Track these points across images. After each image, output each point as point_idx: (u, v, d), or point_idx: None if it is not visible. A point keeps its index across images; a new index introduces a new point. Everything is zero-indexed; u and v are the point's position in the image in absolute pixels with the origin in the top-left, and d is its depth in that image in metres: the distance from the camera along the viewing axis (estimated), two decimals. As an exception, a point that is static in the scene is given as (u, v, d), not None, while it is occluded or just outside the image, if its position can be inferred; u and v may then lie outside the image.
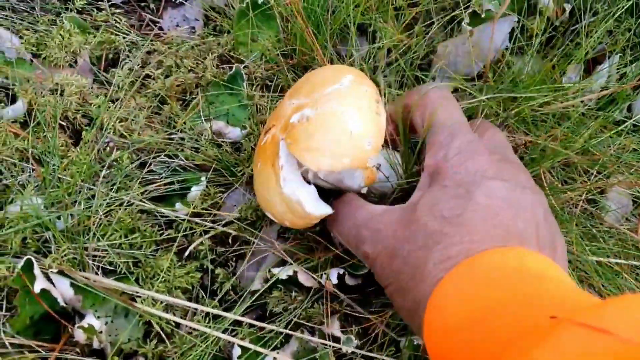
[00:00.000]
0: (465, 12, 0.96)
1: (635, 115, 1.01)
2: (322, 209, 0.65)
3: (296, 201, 0.65)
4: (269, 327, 0.73)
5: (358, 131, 0.63)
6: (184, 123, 0.88)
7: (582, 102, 1.00)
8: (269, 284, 0.77)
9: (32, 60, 0.93)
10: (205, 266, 0.83)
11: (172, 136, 0.86)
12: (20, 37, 0.95)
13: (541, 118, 0.98)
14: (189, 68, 0.94)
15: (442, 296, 0.47)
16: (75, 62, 0.95)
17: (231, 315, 0.73)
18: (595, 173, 0.97)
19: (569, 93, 0.94)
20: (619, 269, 0.96)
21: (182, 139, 0.86)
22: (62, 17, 0.97)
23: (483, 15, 0.96)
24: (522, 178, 0.57)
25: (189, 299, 0.82)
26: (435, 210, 0.53)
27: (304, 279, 0.76)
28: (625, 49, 1.02)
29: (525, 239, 0.50)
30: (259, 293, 0.78)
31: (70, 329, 0.74)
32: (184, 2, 1.05)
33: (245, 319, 0.73)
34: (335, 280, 0.76)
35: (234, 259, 0.85)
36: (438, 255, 0.50)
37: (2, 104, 0.85)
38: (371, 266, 0.61)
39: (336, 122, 0.63)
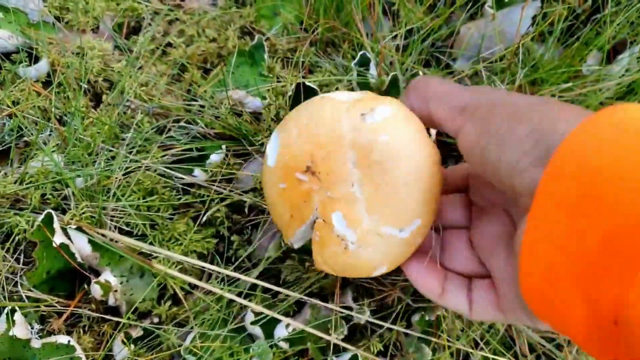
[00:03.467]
0: (488, -5, 0.96)
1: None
2: None
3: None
4: (284, 291, 0.73)
5: None
6: (205, 91, 0.88)
7: (600, 90, 1.00)
8: (282, 249, 0.77)
9: (54, 24, 0.93)
10: (221, 233, 0.83)
11: (192, 103, 0.87)
12: (44, 0, 0.95)
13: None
14: (211, 38, 0.94)
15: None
16: (98, 27, 0.96)
17: (246, 278, 0.73)
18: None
19: (589, 80, 0.94)
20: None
21: (202, 106, 0.86)
22: (86, -17, 0.98)
23: (506, 0, 0.96)
24: None
25: (204, 268, 0.82)
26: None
27: (321, 246, 0.76)
28: (645, 40, 1.02)
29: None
30: (272, 259, 0.78)
31: (85, 286, 0.74)
32: (207, -26, 1.05)
33: (260, 282, 0.73)
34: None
35: (249, 227, 0.85)
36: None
37: (26, 63, 0.85)
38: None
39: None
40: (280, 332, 0.78)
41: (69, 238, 0.72)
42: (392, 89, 0.85)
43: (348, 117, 0.55)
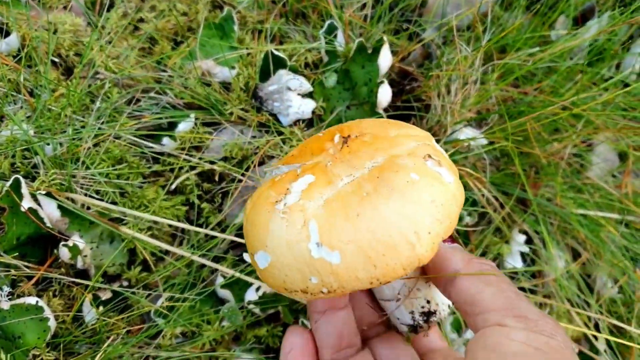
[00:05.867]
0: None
1: (623, 72, 1.02)
2: None
3: None
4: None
5: None
6: (174, 63, 0.89)
7: (570, 58, 1.01)
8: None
9: (27, 2, 0.94)
10: (191, 201, 0.84)
11: (162, 74, 0.88)
12: (16, -21, 0.96)
13: (530, 72, 0.99)
14: (182, 12, 0.95)
15: None
16: (70, 5, 0.97)
17: (221, 235, 0.74)
18: (581, 127, 0.97)
19: (557, 45, 0.95)
20: (603, 222, 0.97)
21: (171, 76, 0.87)
22: (58, -39, 0.99)
23: (474, -32, 0.97)
24: None
25: (175, 232, 0.83)
26: None
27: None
28: (614, 7, 1.03)
29: None
30: (241, 223, 0.79)
31: (56, 252, 0.75)
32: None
33: (234, 238, 0.74)
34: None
35: (220, 195, 0.86)
36: None
37: (-4, 38, 0.86)
38: None
39: None
40: (251, 295, 0.79)
41: (39, 204, 0.73)
42: (358, 55, 0.86)
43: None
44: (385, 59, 0.86)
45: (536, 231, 0.97)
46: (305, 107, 0.88)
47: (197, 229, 0.77)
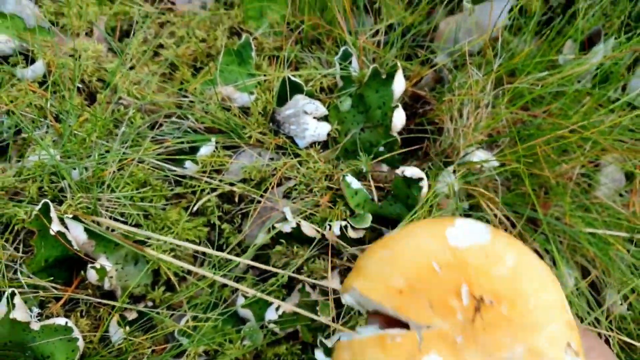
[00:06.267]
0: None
1: (629, 94, 1.04)
2: None
3: None
4: (274, 270, 0.76)
5: None
6: (195, 88, 0.92)
7: (578, 81, 1.04)
8: (271, 234, 0.80)
9: (50, 28, 0.97)
10: (212, 222, 0.86)
11: (183, 100, 0.90)
12: (40, 6, 0.99)
13: (539, 95, 1.02)
14: (200, 38, 0.98)
15: None
16: (92, 31, 1.00)
17: (237, 258, 0.76)
18: (589, 148, 1.00)
19: (566, 70, 0.98)
20: (612, 240, 0.99)
21: (192, 102, 0.90)
22: (80, -11, 1.02)
23: (483, -6, 1.00)
24: None
25: (196, 253, 0.86)
26: None
27: (307, 229, 0.79)
28: (620, 31, 1.06)
29: None
30: (261, 244, 0.81)
31: (82, 273, 0.77)
32: (196, -21, 1.09)
33: (252, 262, 0.77)
34: (337, 232, 0.79)
35: (239, 216, 0.88)
36: None
37: (22, 65, 0.89)
38: None
39: None
40: (271, 315, 0.81)
41: (66, 227, 0.76)
42: (372, 80, 0.89)
43: None
44: (400, 84, 0.88)
45: (546, 250, 0.99)
46: (321, 130, 0.91)
47: (218, 252, 0.79)
